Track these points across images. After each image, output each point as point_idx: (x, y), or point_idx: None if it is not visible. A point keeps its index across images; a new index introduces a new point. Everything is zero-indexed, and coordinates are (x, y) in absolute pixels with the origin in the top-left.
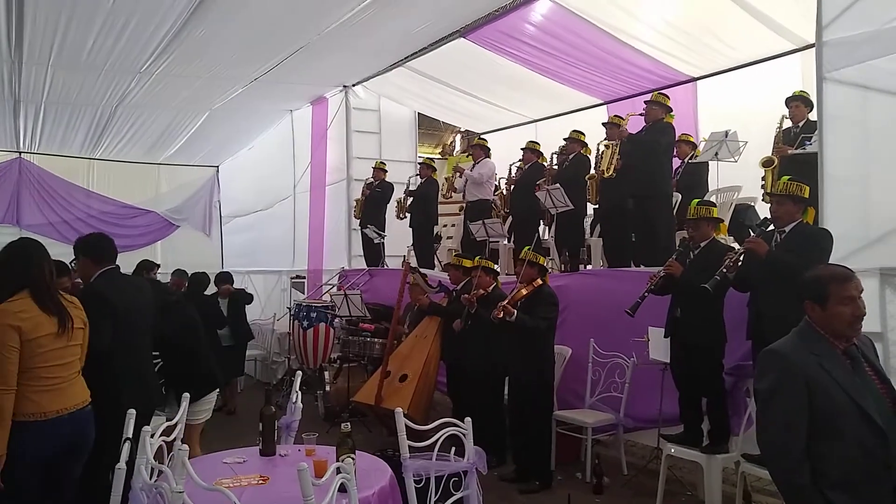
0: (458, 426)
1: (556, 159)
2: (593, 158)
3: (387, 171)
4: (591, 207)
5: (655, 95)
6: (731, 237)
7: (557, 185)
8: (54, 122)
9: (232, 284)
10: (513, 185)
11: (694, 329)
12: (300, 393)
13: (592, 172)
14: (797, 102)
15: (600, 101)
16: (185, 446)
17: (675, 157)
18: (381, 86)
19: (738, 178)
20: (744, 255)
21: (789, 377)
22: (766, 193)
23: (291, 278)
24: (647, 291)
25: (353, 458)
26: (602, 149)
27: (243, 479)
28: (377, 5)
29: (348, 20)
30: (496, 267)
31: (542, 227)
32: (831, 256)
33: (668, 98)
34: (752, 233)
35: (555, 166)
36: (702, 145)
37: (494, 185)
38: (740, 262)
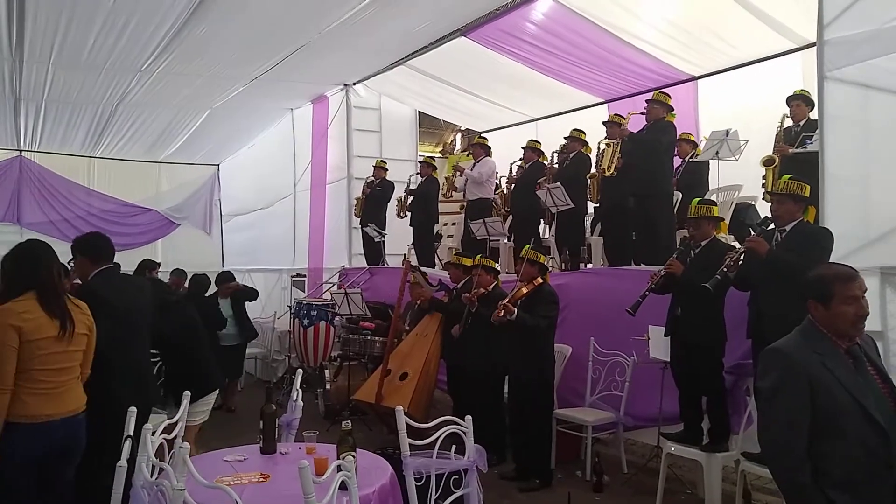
0: (459, 424)
1: (556, 158)
2: (594, 157)
3: (387, 170)
4: (591, 206)
5: (657, 94)
6: (731, 236)
7: (558, 183)
8: (55, 120)
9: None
10: (513, 183)
11: (694, 328)
12: (300, 391)
13: (593, 171)
14: (798, 101)
15: (601, 100)
16: (187, 444)
17: (675, 155)
18: (381, 84)
19: (739, 177)
20: (744, 255)
21: (792, 376)
22: (766, 192)
23: (292, 277)
24: (647, 290)
25: (353, 456)
26: (603, 147)
27: (244, 476)
28: (378, 4)
29: (349, 19)
30: (496, 266)
31: (543, 225)
32: (832, 255)
33: (669, 97)
34: (753, 232)
35: (555, 165)
36: (702, 144)
37: (495, 184)
38: (741, 261)
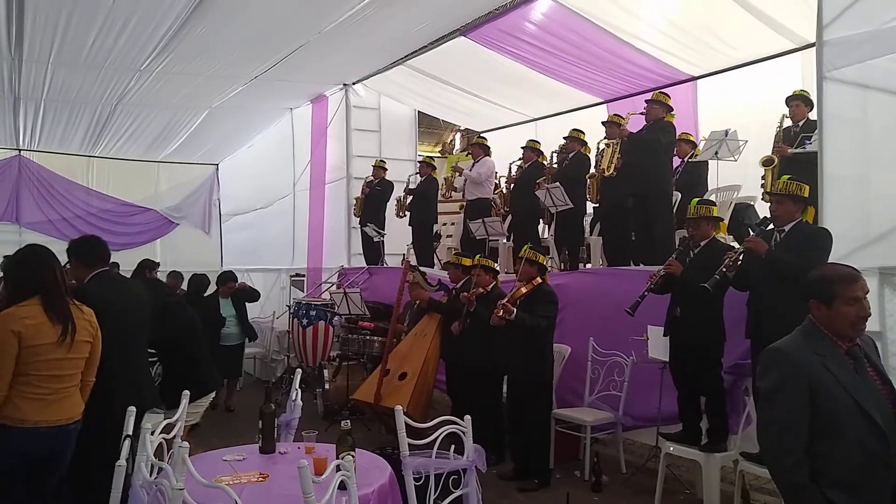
0: (458, 424)
1: (556, 158)
2: (593, 157)
3: (386, 170)
4: (590, 206)
5: (656, 94)
6: (730, 236)
7: (557, 183)
8: (54, 119)
9: (235, 283)
10: (513, 183)
11: (693, 328)
12: (299, 391)
13: (593, 171)
14: (797, 101)
15: (600, 100)
16: (186, 443)
17: (675, 156)
18: (381, 84)
19: (738, 177)
20: (743, 255)
21: (792, 376)
22: (765, 192)
23: (291, 276)
24: (646, 290)
25: (352, 456)
26: (602, 148)
27: (243, 476)
28: (377, 4)
29: (348, 19)
30: (496, 265)
31: (542, 225)
32: (831, 255)
33: (668, 97)
34: (752, 232)
35: (555, 165)
36: (702, 144)
37: (494, 184)
38: (740, 262)
